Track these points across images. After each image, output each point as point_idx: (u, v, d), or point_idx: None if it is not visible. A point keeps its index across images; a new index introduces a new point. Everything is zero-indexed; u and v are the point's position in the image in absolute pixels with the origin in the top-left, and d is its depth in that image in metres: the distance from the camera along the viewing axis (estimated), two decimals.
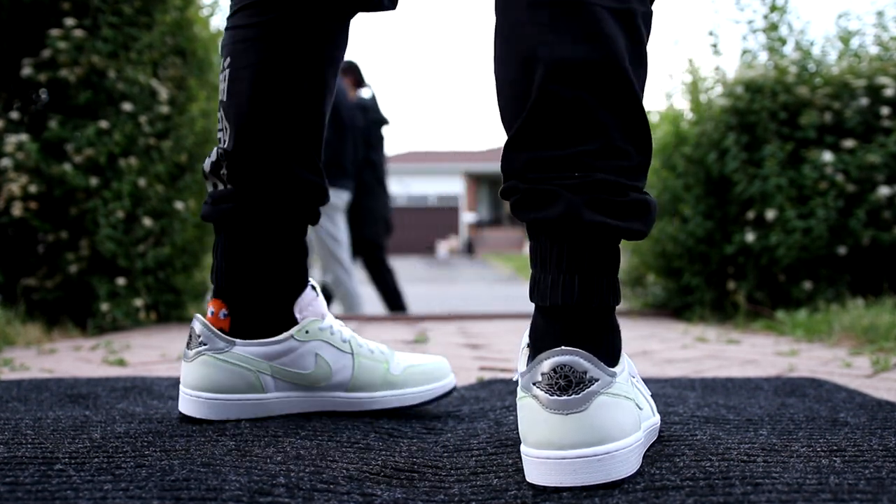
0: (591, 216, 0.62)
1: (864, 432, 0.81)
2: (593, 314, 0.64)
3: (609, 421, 0.60)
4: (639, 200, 0.65)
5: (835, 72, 2.73)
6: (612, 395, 0.61)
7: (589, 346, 0.62)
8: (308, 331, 0.88)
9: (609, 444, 0.60)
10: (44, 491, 0.59)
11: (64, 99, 2.35)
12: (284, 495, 0.59)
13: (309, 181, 0.89)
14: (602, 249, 0.64)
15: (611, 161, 0.63)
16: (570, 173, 0.63)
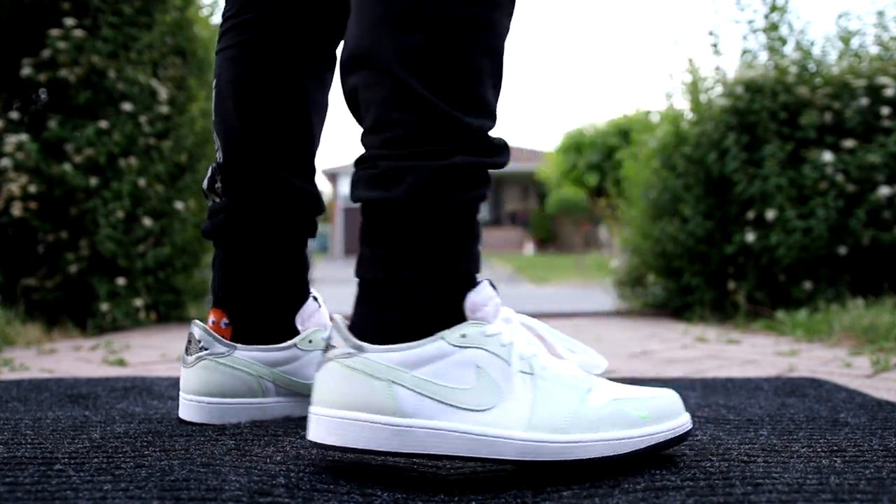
0: (355, 194, 0.68)
1: (864, 432, 0.81)
2: (372, 285, 0.68)
3: (332, 386, 0.65)
4: (386, 170, 0.66)
5: (835, 72, 2.73)
6: (348, 367, 0.64)
7: (366, 317, 0.67)
8: (311, 340, 0.88)
9: (318, 407, 0.65)
10: (43, 491, 0.59)
11: (64, 99, 2.35)
12: (284, 495, 0.59)
13: (300, 189, 0.90)
14: (374, 223, 0.67)
15: (375, 137, 0.67)
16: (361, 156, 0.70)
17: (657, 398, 0.67)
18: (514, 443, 0.63)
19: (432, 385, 0.64)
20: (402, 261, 0.66)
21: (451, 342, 0.64)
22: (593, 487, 0.61)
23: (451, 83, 0.66)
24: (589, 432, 0.64)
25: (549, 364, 0.67)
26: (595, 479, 0.62)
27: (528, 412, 0.64)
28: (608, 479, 0.62)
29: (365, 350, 0.65)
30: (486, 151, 0.68)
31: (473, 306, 0.66)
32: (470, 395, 0.64)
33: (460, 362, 0.64)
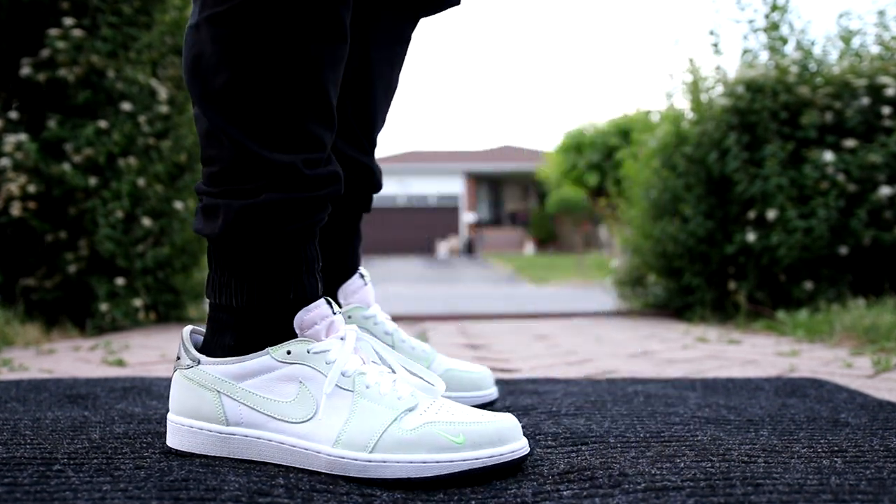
0: (193, 224, 0.74)
1: (865, 433, 0.80)
2: (211, 305, 0.73)
3: (175, 394, 0.73)
4: (207, 205, 0.71)
5: (836, 71, 2.73)
6: (187, 377, 0.72)
7: (208, 333, 0.74)
8: (350, 316, 0.88)
9: (169, 414, 0.73)
10: (42, 492, 0.59)
11: (63, 98, 2.35)
12: (283, 496, 0.59)
13: (355, 160, 0.90)
14: (210, 251, 0.73)
15: (204, 171, 0.72)
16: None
17: (481, 423, 0.65)
18: (321, 457, 0.66)
19: (255, 397, 0.69)
20: (231, 289, 0.70)
21: (277, 357, 0.69)
22: (594, 487, 0.61)
23: (258, 121, 0.68)
24: (395, 453, 0.64)
25: (376, 382, 0.68)
26: (595, 479, 0.62)
27: (338, 428, 0.66)
28: (608, 479, 0.62)
29: (201, 363, 0.71)
30: (298, 186, 0.69)
31: (303, 324, 0.70)
32: (289, 408, 0.68)
33: (283, 377, 0.69)
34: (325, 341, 0.70)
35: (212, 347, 0.73)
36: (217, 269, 0.72)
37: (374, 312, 0.90)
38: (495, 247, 21.59)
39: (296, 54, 0.67)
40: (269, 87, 0.67)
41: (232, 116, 0.68)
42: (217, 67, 0.67)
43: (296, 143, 0.69)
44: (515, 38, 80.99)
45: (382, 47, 0.90)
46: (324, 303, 0.71)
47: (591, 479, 0.63)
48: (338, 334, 0.71)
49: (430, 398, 0.69)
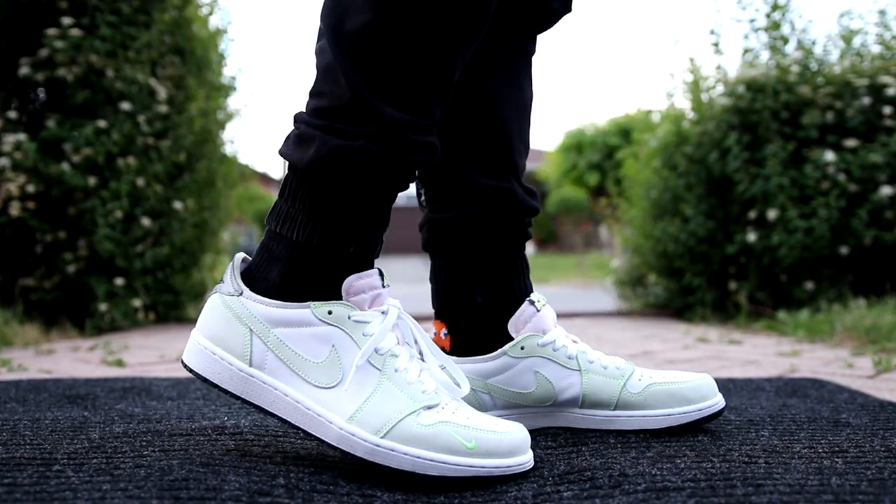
0: (280, 147, 0.71)
1: (866, 433, 0.80)
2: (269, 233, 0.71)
3: (207, 316, 0.71)
4: (303, 133, 0.69)
5: (837, 71, 2.73)
6: (224, 304, 0.70)
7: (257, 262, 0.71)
8: (524, 347, 0.83)
9: (194, 331, 0.72)
10: (42, 492, 0.59)
11: (62, 98, 2.35)
12: (284, 496, 0.59)
13: (494, 188, 0.85)
14: (287, 177, 0.70)
15: (310, 102, 0.70)
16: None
17: (495, 433, 0.64)
18: (332, 428, 0.65)
19: (285, 348, 0.67)
20: (294, 222, 0.69)
21: (317, 314, 0.67)
22: (594, 488, 0.60)
23: (382, 71, 0.67)
24: (405, 444, 0.63)
25: (405, 368, 0.67)
26: (595, 480, 0.62)
27: (357, 404, 0.65)
28: (609, 479, 0.62)
29: (243, 294, 0.69)
30: (399, 146, 0.68)
31: (350, 289, 0.68)
32: (315, 370, 0.67)
33: (318, 336, 0.67)
34: (367, 312, 0.68)
35: (256, 277, 0.71)
36: (289, 197, 0.70)
37: (553, 338, 0.83)
38: None
39: (437, 21, 0.66)
40: (405, 41, 0.66)
41: (359, 59, 0.66)
42: (360, 6, 0.66)
43: (410, 103, 0.68)
44: None
45: (501, 70, 0.87)
46: (375, 273, 0.70)
47: (591, 480, 0.63)
48: (381, 308, 0.69)
49: (451, 398, 0.68)
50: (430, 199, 0.88)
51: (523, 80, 0.90)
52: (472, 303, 0.85)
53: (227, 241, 3.50)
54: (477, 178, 0.85)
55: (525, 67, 0.90)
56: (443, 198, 0.87)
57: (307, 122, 0.69)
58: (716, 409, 0.81)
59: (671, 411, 0.80)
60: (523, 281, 0.88)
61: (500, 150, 0.86)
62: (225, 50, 3.14)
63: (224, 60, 3.12)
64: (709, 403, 0.81)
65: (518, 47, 0.88)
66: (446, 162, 0.85)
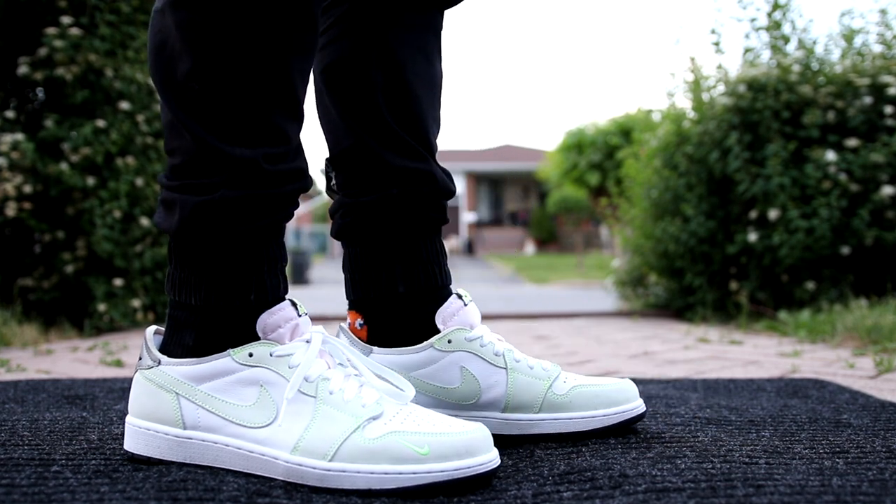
0: (155, 217, 0.73)
1: (867, 434, 0.80)
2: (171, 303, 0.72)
3: (134, 395, 0.71)
4: (165, 199, 0.70)
5: (838, 70, 2.73)
6: (146, 378, 0.70)
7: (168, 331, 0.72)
8: (451, 340, 0.80)
9: (128, 416, 0.71)
10: (40, 493, 0.59)
11: (60, 98, 2.34)
12: (282, 497, 0.59)
13: (412, 170, 0.82)
14: (170, 245, 0.71)
15: (168, 160, 0.70)
16: None
17: (449, 434, 0.61)
18: (279, 463, 0.63)
19: (214, 400, 0.67)
20: (188, 287, 0.68)
21: (238, 360, 0.66)
22: (594, 489, 0.60)
23: (218, 112, 0.65)
24: (355, 462, 0.61)
25: (340, 388, 0.65)
26: (596, 480, 0.62)
27: (298, 435, 0.63)
28: (609, 480, 0.62)
29: (161, 363, 0.69)
30: (258, 183, 0.66)
31: (266, 327, 0.67)
32: (249, 413, 0.66)
33: (244, 380, 0.66)
34: (288, 344, 0.67)
35: (171, 347, 0.70)
36: (176, 264, 0.69)
37: (480, 333, 0.81)
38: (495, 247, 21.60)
39: (260, 41, 0.65)
40: (231, 75, 0.65)
41: (192, 107, 0.65)
42: (180, 55, 0.65)
43: (257, 136, 0.66)
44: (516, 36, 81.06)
45: (411, 45, 0.83)
46: (288, 305, 0.68)
47: (591, 480, 0.62)
48: (303, 337, 0.68)
49: (398, 405, 0.66)
50: (342, 184, 0.84)
51: (433, 56, 0.86)
52: (394, 292, 0.82)
53: None
54: (393, 158, 0.81)
55: (435, 43, 0.86)
56: (357, 181, 0.82)
57: (166, 185, 0.69)
58: (638, 411, 0.80)
59: (596, 413, 0.79)
60: (443, 268, 0.85)
61: (415, 128, 0.83)
62: None
63: None
64: (632, 405, 0.80)
65: (426, 23, 0.85)
66: (360, 144, 0.82)
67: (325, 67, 0.83)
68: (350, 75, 0.82)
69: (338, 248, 21.53)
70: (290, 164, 0.68)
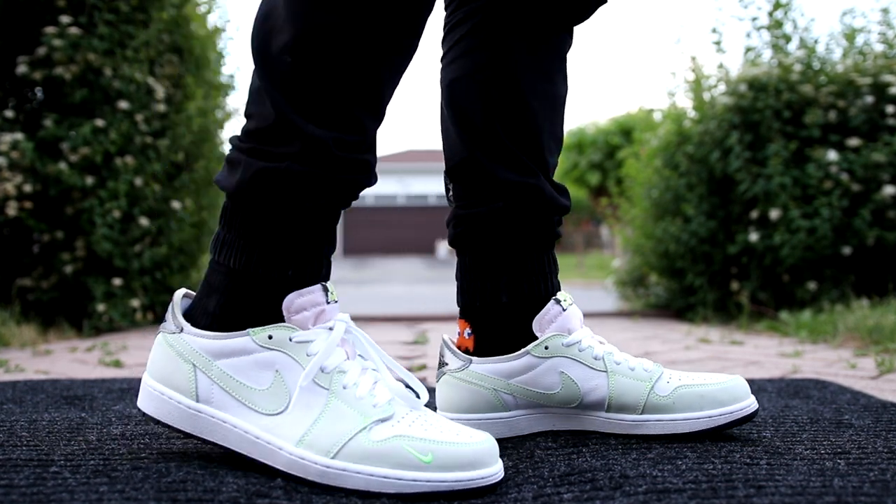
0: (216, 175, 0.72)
1: (868, 434, 0.80)
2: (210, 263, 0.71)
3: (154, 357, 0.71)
4: (231, 158, 0.70)
5: (840, 70, 2.72)
6: (169, 344, 0.70)
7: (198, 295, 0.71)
8: (548, 346, 0.80)
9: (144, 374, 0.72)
10: (39, 493, 0.58)
11: (59, 97, 2.34)
12: (282, 497, 0.58)
13: (521, 184, 0.83)
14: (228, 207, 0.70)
15: (244, 123, 0.70)
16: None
17: (454, 444, 0.61)
18: (282, 454, 0.63)
19: (229, 379, 0.67)
20: (231, 249, 0.68)
21: (257, 340, 0.66)
22: (594, 490, 0.60)
23: (304, 89, 0.66)
24: (357, 463, 0.61)
25: (354, 383, 0.65)
26: (596, 481, 0.62)
27: (305, 427, 0.63)
28: (609, 481, 0.61)
29: (184, 331, 0.69)
30: (325, 164, 0.67)
31: (291, 307, 0.67)
32: (261, 397, 0.66)
33: (260, 362, 0.66)
34: (309, 331, 0.67)
35: (197, 311, 0.70)
36: (225, 225, 0.69)
37: (579, 338, 0.81)
38: None
39: (361, 32, 0.65)
40: (324, 58, 0.65)
41: (280, 79, 0.66)
42: (281, 27, 0.66)
43: (334, 120, 0.67)
44: None
45: (534, 64, 0.84)
46: (319, 290, 0.68)
47: (591, 482, 0.62)
48: (326, 325, 0.68)
49: (408, 408, 0.66)
50: (457, 195, 0.87)
51: (556, 75, 0.87)
52: (497, 302, 0.83)
53: None
54: (502, 173, 0.83)
55: (559, 62, 0.88)
56: (469, 193, 0.85)
57: (236, 145, 0.69)
58: (748, 411, 0.78)
59: (700, 414, 0.77)
60: (550, 280, 0.85)
61: (530, 145, 0.84)
62: (223, 48, 3.14)
63: (222, 59, 3.12)
64: (741, 406, 0.77)
65: (553, 41, 0.86)
66: (472, 157, 0.84)
67: (449, 83, 0.86)
68: (468, 92, 0.84)
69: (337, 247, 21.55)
70: (360, 155, 0.69)
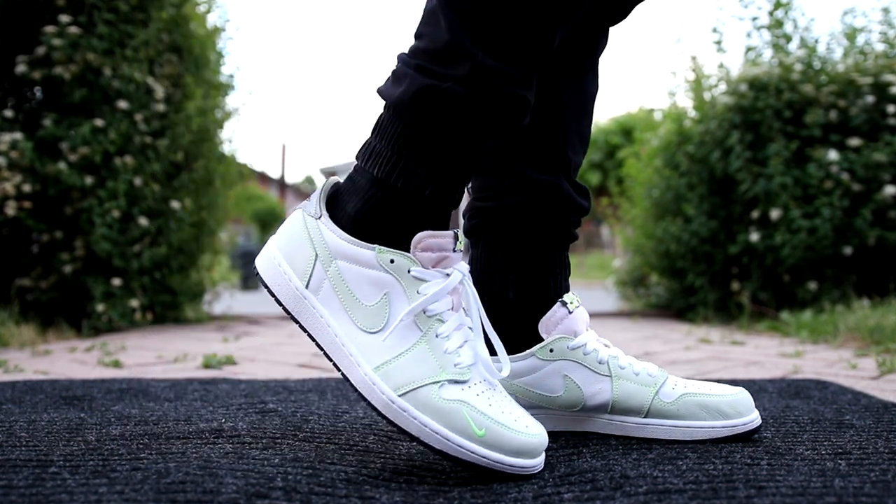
0: (380, 85, 0.73)
1: (869, 435, 0.80)
2: (356, 163, 0.72)
3: (286, 230, 0.73)
4: (398, 71, 0.70)
5: (840, 69, 2.72)
6: (303, 223, 0.72)
7: (341, 189, 0.72)
8: (553, 349, 0.80)
9: (273, 237, 0.74)
10: (38, 494, 0.58)
11: (59, 97, 2.34)
12: (282, 498, 0.58)
13: (539, 181, 0.83)
14: (383, 117, 0.71)
15: (413, 41, 0.71)
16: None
17: (509, 429, 0.63)
18: (358, 371, 0.66)
19: (342, 282, 0.69)
20: (378, 157, 0.69)
21: (379, 259, 0.68)
22: (595, 490, 0.60)
23: (481, 18, 0.66)
24: (419, 410, 0.64)
25: (447, 335, 0.67)
26: (596, 482, 0.62)
27: (388, 356, 0.66)
28: (610, 481, 0.61)
29: (321, 218, 0.70)
30: (488, 93, 0.67)
31: (420, 244, 0.68)
32: (363, 312, 0.68)
33: (375, 280, 0.68)
34: (429, 271, 0.68)
35: (337, 204, 0.72)
36: (378, 133, 0.70)
37: (583, 341, 0.80)
38: None
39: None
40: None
41: (460, 2, 0.66)
42: None
43: (506, 53, 0.67)
44: None
45: (565, 63, 0.84)
46: (450, 236, 0.69)
47: (592, 482, 0.62)
48: (445, 270, 0.68)
49: (483, 379, 0.67)
50: (476, 186, 0.86)
51: (588, 74, 0.87)
52: (504, 297, 0.83)
53: (225, 241, 3.50)
54: (523, 169, 0.83)
55: (591, 61, 0.87)
56: (488, 186, 0.85)
57: (404, 60, 0.70)
58: (751, 426, 0.77)
59: (703, 424, 0.77)
60: (559, 281, 0.85)
61: (554, 143, 0.84)
62: (223, 48, 3.14)
63: (222, 59, 3.12)
64: (744, 420, 0.77)
65: (585, 43, 0.86)
66: (496, 150, 0.83)
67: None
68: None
69: None
70: (522, 91, 0.69)
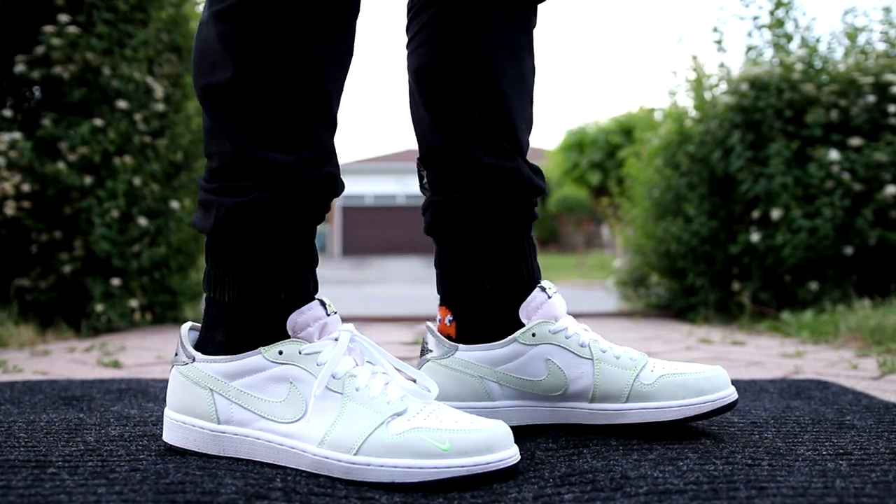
0: (193, 218, 0.76)
1: (870, 435, 0.80)
2: (207, 300, 0.75)
3: (171, 390, 0.75)
4: (203, 200, 0.73)
5: (841, 69, 2.72)
6: (183, 374, 0.74)
7: (203, 328, 0.75)
8: (535, 333, 0.81)
9: (166, 408, 0.75)
10: (37, 495, 0.58)
11: (58, 96, 2.34)
12: (281, 499, 0.58)
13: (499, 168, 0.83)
14: (207, 244, 0.74)
15: (207, 164, 0.74)
16: None
17: (469, 431, 0.64)
18: (307, 456, 0.67)
19: (246, 396, 0.71)
20: (222, 285, 0.72)
21: (268, 357, 0.70)
22: (595, 490, 0.60)
23: (255, 119, 0.69)
24: (379, 457, 0.64)
25: (366, 385, 0.69)
26: (597, 482, 0.61)
27: (325, 429, 0.67)
28: (610, 482, 0.61)
29: (196, 360, 0.73)
30: (292, 187, 0.69)
31: (295, 326, 0.70)
32: (279, 408, 0.70)
33: (275, 377, 0.70)
34: (316, 343, 0.70)
35: (205, 343, 0.74)
36: (212, 263, 0.73)
37: (564, 325, 0.81)
38: None
39: (293, 52, 0.68)
40: (267, 84, 0.68)
41: (231, 114, 0.69)
42: (220, 63, 0.69)
43: (292, 142, 0.69)
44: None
45: (500, 44, 0.84)
46: (317, 304, 0.72)
47: (592, 482, 0.62)
48: (332, 335, 0.71)
49: (422, 403, 0.69)
50: (432, 182, 0.86)
51: (524, 54, 0.87)
52: (480, 288, 0.84)
53: None
54: (482, 157, 0.83)
55: (525, 41, 0.87)
56: (447, 179, 0.85)
57: (204, 188, 0.73)
58: (728, 400, 0.78)
59: (682, 403, 0.78)
60: (531, 263, 0.86)
61: (504, 127, 0.84)
62: None
63: None
64: (721, 395, 0.78)
65: (517, 22, 0.86)
66: (449, 143, 0.84)
67: (417, 69, 0.86)
68: (440, 76, 0.84)
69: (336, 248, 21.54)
70: (323, 169, 0.72)
